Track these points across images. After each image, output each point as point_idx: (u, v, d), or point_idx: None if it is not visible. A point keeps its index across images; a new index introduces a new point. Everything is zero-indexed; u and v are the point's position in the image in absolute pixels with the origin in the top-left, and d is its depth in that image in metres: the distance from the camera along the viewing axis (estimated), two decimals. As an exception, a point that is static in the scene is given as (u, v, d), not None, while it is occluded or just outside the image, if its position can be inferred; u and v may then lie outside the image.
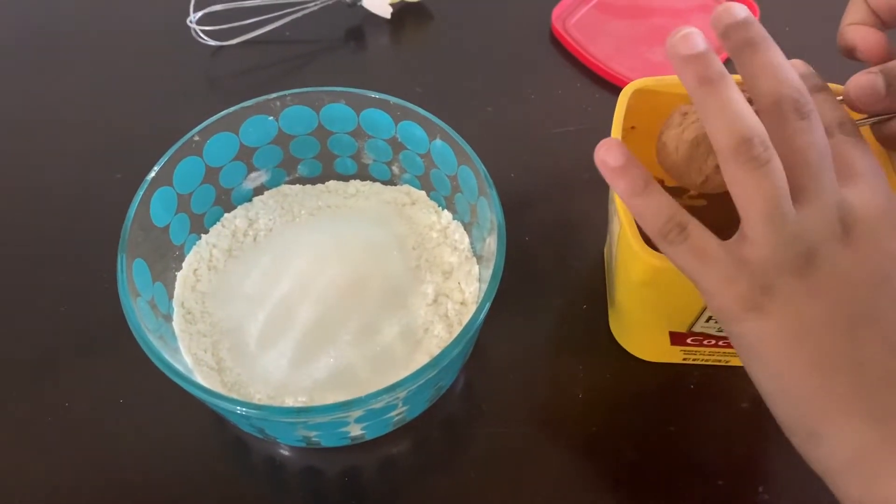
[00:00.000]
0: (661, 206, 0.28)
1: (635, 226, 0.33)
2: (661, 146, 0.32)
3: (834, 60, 0.57)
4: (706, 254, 0.28)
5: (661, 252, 0.33)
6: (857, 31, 0.34)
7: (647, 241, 0.34)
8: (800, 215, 0.27)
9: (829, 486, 0.27)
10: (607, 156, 0.29)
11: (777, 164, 0.26)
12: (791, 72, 0.28)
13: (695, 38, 0.27)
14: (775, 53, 0.28)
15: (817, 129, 0.27)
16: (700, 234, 0.28)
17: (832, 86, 0.37)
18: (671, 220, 0.28)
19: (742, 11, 0.28)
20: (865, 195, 0.28)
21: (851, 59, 0.35)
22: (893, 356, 0.26)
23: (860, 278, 0.27)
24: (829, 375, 0.26)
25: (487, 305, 0.34)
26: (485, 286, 0.35)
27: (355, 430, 0.35)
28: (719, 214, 0.31)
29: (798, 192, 0.27)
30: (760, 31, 0.28)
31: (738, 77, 0.29)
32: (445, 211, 0.43)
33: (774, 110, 0.27)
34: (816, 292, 0.27)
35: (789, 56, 0.57)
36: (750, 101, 0.28)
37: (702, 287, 0.28)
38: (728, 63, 0.34)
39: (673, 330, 0.38)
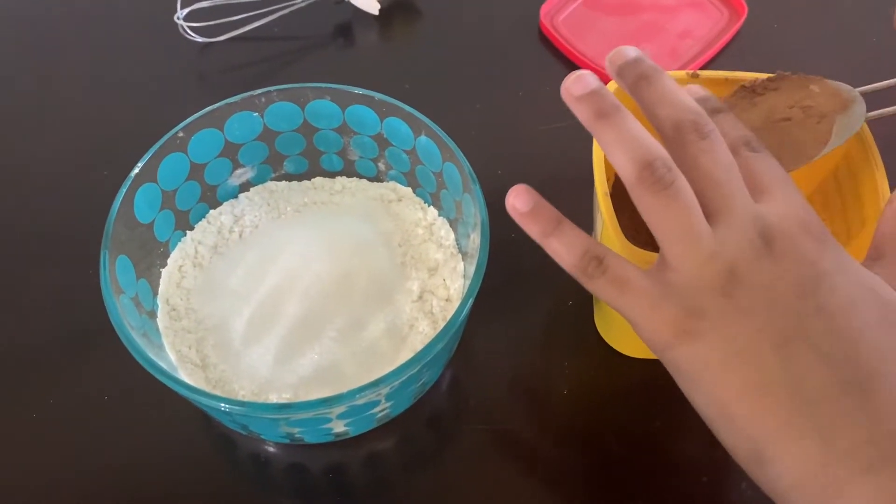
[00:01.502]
0: (575, 243, 0.28)
1: (617, 223, 0.34)
2: None
3: (823, 55, 0.57)
4: (628, 284, 0.27)
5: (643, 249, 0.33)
6: None
7: (633, 238, 0.34)
8: (716, 233, 0.27)
9: None
10: (516, 202, 0.29)
11: (683, 183, 0.26)
12: (686, 97, 0.28)
13: (587, 78, 0.28)
14: (668, 82, 0.28)
15: (720, 148, 0.28)
16: (618, 264, 0.28)
17: (815, 79, 0.37)
18: (587, 255, 0.28)
19: (632, 51, 0.29)
20: (781, 207, 0.28)
21: None
22: (827, 367, 0.25)
23: (785, 290, 0.26)
24: (767, 395, 0.26)
25: (471, 301, 0.34)
26: (469, 282, 0.35)
27: (339, 427, 0.35)
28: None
29: (711, 211, 0.27)
30: (651, 64, 0.29)
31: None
32: (431, 207, 0.43)
33: (675, 135, 0.28)
34: (743, 310, 0.26)
35: (776, 53, 0.58)
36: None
37: (629, 318, 0.28)
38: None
39: (657, 326, 0.38)
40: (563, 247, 0.28)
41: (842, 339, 0.26)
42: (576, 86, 0.28)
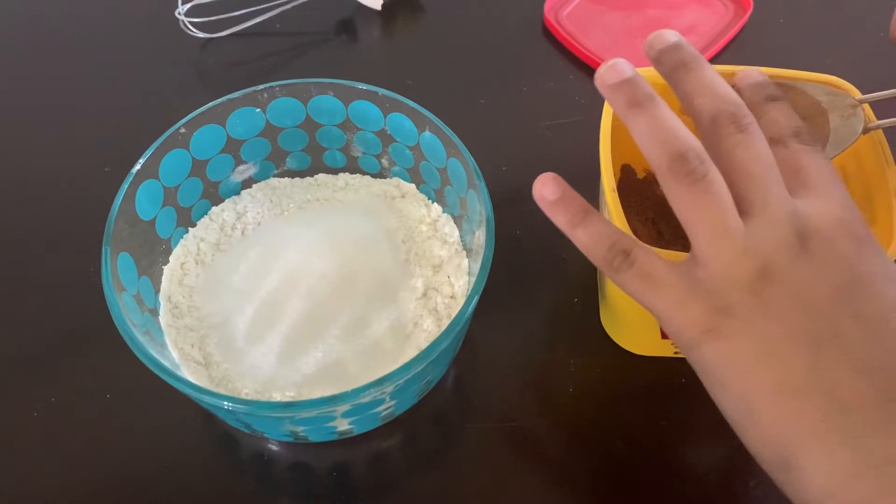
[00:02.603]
0: (602, 234, 0.28)
1: (625, 219, 0.33)
2: None
3: (826, 52, 0.57)
4: (655, 278, 0.27)
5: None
6: None
7: (638, 235, 0.34)
8: (749, 229, 0.26)
9: None
10: (544, 190, 0.28)
11: (716, 176, 0.26)
12: (725, 87, 0.27)
13: (622, 66, 0.27)
14: (708, 71, 0.28)
15: (758, 141, 0.27)
16: (646, 258, 0.27)
17: (831, 78, 0.36)
18: (614, 247, 0.27)
19: (672, 36, 0.28)
20: (820, 204, 0.27)
21: None
22: (861, 376, 0.24)
23: (819, 292, 0.25)
24: (796, 399, 0.25)
25: (476, 299, 0.34)
26: (474, 280, 0.34)
27: (343, 425, 0.35)
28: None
29: (746, 206, 0.26)
30: (691, 51, 0.28)
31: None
32: (435, 204, 0.43)
33: (712, 127, 0.27)
34: (774, 310, 0.25)
35: (782, 49, 0.57)
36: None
37: (655, 313, 0.27)
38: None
39: (664, 324, 0.38)
40: (590, 238, 0.28)
41: (878, 348, 0.25)
42: (609, 73, 0.27)
